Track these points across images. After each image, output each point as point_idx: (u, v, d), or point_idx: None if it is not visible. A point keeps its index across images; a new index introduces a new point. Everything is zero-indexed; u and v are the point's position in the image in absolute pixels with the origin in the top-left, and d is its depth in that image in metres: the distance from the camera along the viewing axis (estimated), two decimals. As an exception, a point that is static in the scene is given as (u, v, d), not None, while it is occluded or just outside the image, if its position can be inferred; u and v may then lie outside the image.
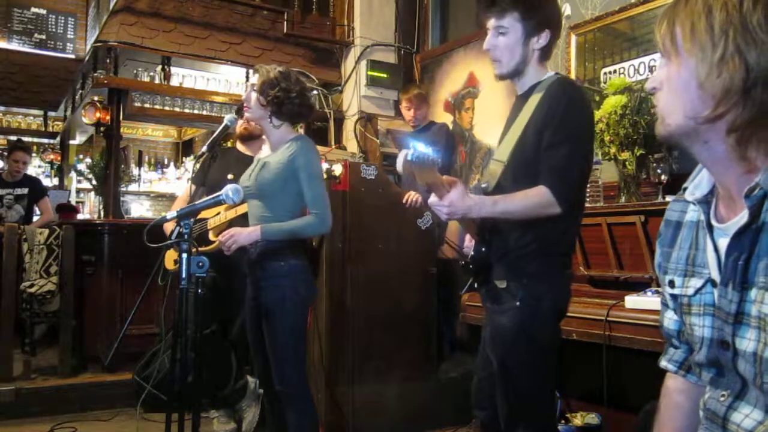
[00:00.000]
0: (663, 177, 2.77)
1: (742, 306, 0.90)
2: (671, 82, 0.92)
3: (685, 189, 1.04)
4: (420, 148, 1.42)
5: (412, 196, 3.41)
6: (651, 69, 3.13)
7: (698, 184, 1.02)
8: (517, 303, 1.72)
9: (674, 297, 1.06)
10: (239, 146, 3.38)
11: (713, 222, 0.97)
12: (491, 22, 1.79)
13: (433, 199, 1.61)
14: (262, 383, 2.51)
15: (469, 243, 1.88)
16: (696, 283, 1.00)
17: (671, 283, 1.06)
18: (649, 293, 2.37)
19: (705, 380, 1.02)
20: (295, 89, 2.34)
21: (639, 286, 2.53)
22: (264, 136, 2.46)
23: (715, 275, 0.96)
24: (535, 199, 1.66)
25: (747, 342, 0.89)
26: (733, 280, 0.90)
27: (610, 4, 3.47)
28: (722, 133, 0.89)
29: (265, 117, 2.35)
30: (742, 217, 0.89)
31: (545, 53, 1.81)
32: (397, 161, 1.46)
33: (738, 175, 0.90)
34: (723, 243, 0.94)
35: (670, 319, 1.12)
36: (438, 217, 3.15)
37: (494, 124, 4.35)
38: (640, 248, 2.63)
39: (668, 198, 2.71)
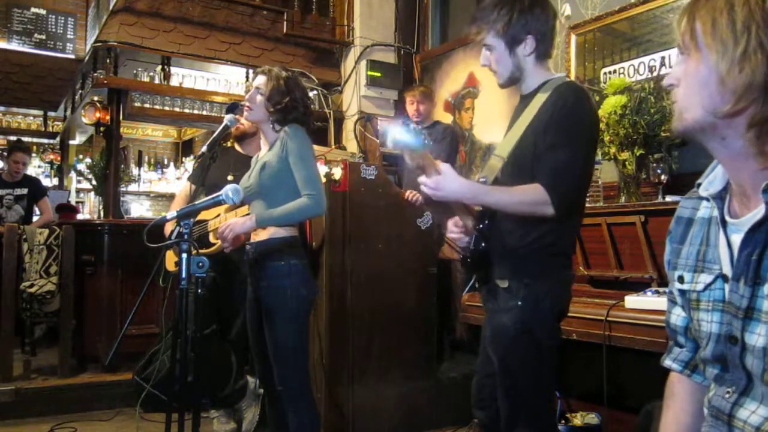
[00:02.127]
0: (663, 177, 2.77)
1: (753, 301, 0.90)
2: (690, 77, 0.92)
3: (698, 185, 1.05)
4: (411, 126, 1.46)
5: (412, 194, 3.41)
6: (651, 69, 3.13)
7: (712, 180, 1.02)
8: (519, 302, 1.73)
9: (683, 293, 1.06)
10: (238, 146, 3.38)
11: (727, 218, 0.98)
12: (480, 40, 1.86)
13: (422, 178, 1.62)
14: (262, 383, 2.51)
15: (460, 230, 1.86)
16: (706, 278, 1.00)
17: (680, 279, 1.06)
18: (649, 293, 2.37)
19: (710, 377, 1.02)
20: (302, 98, 2.35)
21: (639, 286, 2.53)
22: (261, 136, 2.46)
23: (727, 270, 0.96)
24: (530, 195, 1.66)
25: (756, 337, 0.90)
26: (746, 276, 0.91)
27: (610, 4, 3.47)
28: (741, 128, 0.89)
29: (267, 120, 2.34)
30: (758, 212, 0.89)
31: (541, 55, 1.82)
32: (387, 137, 1.48)
33: (754, 171, 0.91)
34: (736, 239, 0.94)
35: (678, 316, 1.12)
36: (438, 218, 3.15)
37: (494, 124, 4.35)
38: (640, 248, 2.63)
39: (668, 198, 2.71)
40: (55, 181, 7.22)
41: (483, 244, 1.79)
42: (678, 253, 1.08)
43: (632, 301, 2.36)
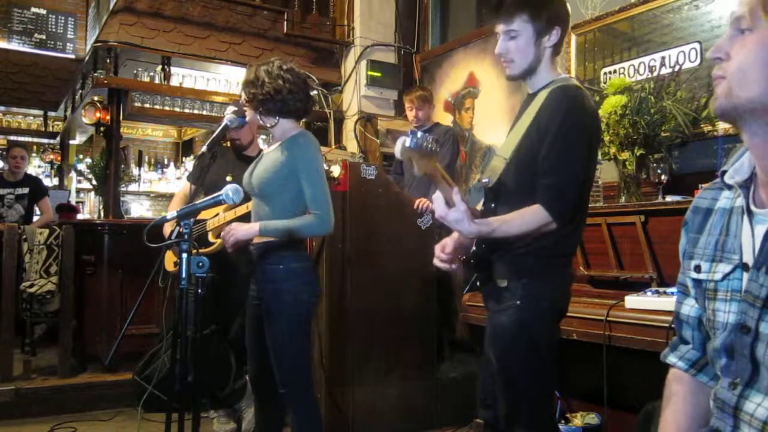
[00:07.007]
0: (663, 177, 2.77)
1: None
2: (753, 53, 0.89)
3: (723, 173, 1.03)
4: (419, 135, 1.41)
5: (423, 202, 3.40)
6: (651, 69, 3.13)
7: (738, 168, 1.00)
8: (517, 302, 1.73)
9: (698, 282, 1.05)
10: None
11: (752, 207, 0.96)
12: (500, 27, 1.78)
13: (441, 212, 1.57)
14: (253, 384, 2.49)
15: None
16: (724, 268, 0.99)
17: (697, 268, 1.05)
18: (649, 293, 2.37)
19: (717, 368, 1.01)
20: (271, 84, 2.22)
21: (639, 286, 2.53)
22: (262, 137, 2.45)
23: (749, 260, 0.95)
24: (531, 220, 1.67)
25: None
26: (767, 265, 0.90)
27: (610, 4, 3.47)
28: None
29: (256, 117, 2.31)
30: None
31: (556, 50, 1.81)
32: (395, 147, 1.44)
33: None
34: (761, 229, 0.93)
35: (690, 307, 1.10)
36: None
37: (494, 124, 4.35)
38: (640, 248, 2.63)
39: (668, 198, 2.71)
40: (55, 181, 7.23)
41: (483, 245, 1.79)
42: (695, 242, 1.07)
43: (632, 301, 2.35)
